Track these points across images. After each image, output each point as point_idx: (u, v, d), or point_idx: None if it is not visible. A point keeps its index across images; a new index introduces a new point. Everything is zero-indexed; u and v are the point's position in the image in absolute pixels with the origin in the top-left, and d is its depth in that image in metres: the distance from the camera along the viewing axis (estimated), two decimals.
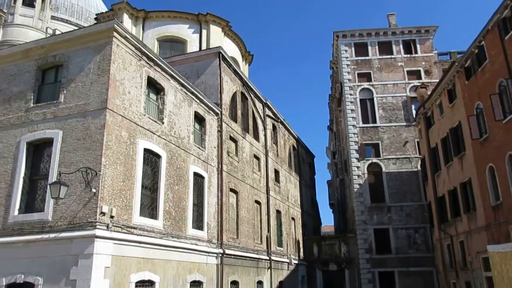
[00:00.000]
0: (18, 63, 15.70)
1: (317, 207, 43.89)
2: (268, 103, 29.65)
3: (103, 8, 46.51)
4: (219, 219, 20.23)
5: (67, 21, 43.71)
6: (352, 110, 34.81)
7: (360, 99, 35.20)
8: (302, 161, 39.26)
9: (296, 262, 30.94)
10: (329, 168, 59.95)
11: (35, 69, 15.31)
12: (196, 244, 17.81)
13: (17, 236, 13.03)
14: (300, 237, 33.55)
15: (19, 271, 12.57)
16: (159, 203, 15.72)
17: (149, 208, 15.35)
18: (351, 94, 35.28)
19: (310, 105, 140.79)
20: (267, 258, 25.56)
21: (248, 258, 22.64)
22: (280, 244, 28.79)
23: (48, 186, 12.76)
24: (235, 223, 22.06)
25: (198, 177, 19.10)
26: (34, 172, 14.22)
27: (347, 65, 36.11)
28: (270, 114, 30.41)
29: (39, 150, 14.40)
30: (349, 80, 35.70)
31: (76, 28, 35.51)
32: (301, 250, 33.14)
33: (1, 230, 13.44)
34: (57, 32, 26.64)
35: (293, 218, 32.79)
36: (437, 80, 30.89)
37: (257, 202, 25.64)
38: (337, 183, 45.28)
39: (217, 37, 35.99)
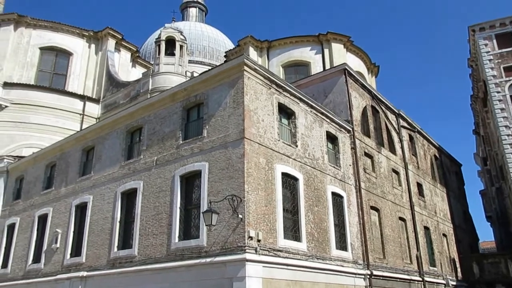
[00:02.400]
0: (167, 107, 17.80)
1: (471, 221, 39.34)
2: (402, 114, 28.08)
3: (230, 45, 50.33)
4: (363, 239, 19.53)
5: (201, 63, 48.50)
6: (502, 109, 30.78)
7: (511, 96, 30.98)
8: (447, 171, 35.86)
9: (454, 283, 27.94)
10: (481, 176, 53.53)
11: (181, 109, 17.14)
12: (342, 266, 17.43)
13: (179, 261, 14.45)
14: (455, 255, 30.33)
15: None
16: (301, 225, 15.89)
17: (292, 231, 15.61)
18: (498, 92, 31.30)
19: (449, 109, 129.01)
20: (420, 279, 23.63)
21: (398, 280, 21.24)
22: (432, 263, 26.42)
23: (201, 214, 13.97)
24: (380, 242, 21.03)
25: (336, 197, 18.85)
26: (187, 202, 15.73)
27: (490, 60, 32.29)
28: (405, 125, 28.70)
29: (190, 182, 15.93)
30: (494, 76, 31.80)
31: (209, 67, 39.03)
32: (458, 269, 29.87)
33: (166, 256, 15.09)
34: (195, 74, 29.61)
35: (444, 235, 29.90)
36: None
37: (401, 219, 24.12)
38: (492, 192, 40.09)
39: (339, 54, 35.86)
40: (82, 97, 34.95)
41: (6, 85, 32.72)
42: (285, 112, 17.47)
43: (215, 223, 13.48)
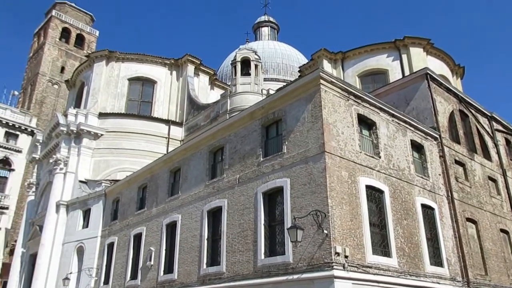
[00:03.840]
0: (246, 125, 18.22)
1: None
2: (495, 116, 25.86)
3: (304, 60, 50.43)
4: (460, 254, 18.08)
5: (276, 80, 49.18)
6: None
7: None
8: None
9: None
10: None
11: (260, 127, 17.44)
12: (438, 283, 16.26)
13: (266, 278, 14.51)
14: None
15: None
16: (390, 240, 15.17)
17: (381, 246, 14.95)
18: None
19: None
20: None
21: None
22: None
23: (286, 231, 13.94)
24: (480, 257, 19.31)
25: (426, 209, 17.74)
26: (271, 218, 15.81)
27: None
28: (500, 128, 26.36)
29: (272, 198, 16.04)
30: None
31: (284, 84, 39.44)
32: None
33: (253, 273, 15.24)
34: (270, 91, 30.09)
35: None
36: None
37: (504, 231, 21.97)
38: None
39: (419, 58, 34.16)
40: (167, 122, 37.18)
41: (101, 115, 35.93)
42: (365, 123, 16.98)
43: (300, 239, 13.36)
